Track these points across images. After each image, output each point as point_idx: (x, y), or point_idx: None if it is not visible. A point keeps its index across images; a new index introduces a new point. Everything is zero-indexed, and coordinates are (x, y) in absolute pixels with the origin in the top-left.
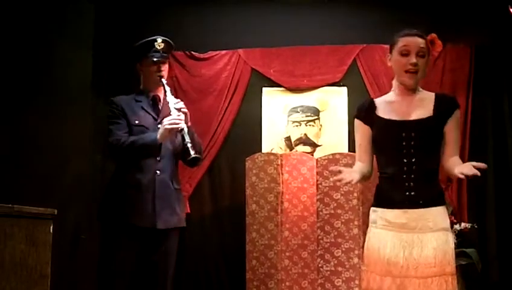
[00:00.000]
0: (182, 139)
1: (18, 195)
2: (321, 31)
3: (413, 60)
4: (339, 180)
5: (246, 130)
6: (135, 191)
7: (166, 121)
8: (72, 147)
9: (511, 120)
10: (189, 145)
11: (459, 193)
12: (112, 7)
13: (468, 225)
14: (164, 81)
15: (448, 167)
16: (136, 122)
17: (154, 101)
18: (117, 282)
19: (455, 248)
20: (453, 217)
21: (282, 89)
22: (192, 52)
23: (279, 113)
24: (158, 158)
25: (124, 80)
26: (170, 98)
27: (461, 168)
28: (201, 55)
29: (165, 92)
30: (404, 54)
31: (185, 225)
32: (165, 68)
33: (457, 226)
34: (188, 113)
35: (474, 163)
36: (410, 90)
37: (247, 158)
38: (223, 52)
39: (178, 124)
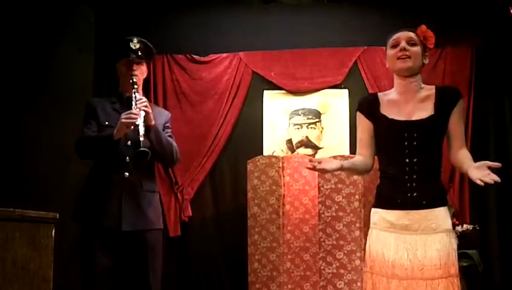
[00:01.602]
0: (136, 133)
1: (19, 198)
2: (322, 34)
3: (403, 44)
4: (322, 169)
5: (247, 133)
6: (103, 192)
7: (123, 115)
8: (73, 150)
9: (511, 121)
10: (141, 139)
11: (461, 195)
12: (112, 10)
13: (469, 227)
14: (134, 79)
15: (458, 162)
16: (106, 123)
17: (129, 102)
18: (94, 284)
19: (457, 249)
20: (455, 219)
21: (283, 91)
22: (193, 56)
23: (280, 116)
24: (127, 159)
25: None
26: (135, 94)
27: (479, 173)
28: (202, 59)
29: (133, 90)
30: (395, 45)
31: (159, 227)
32: (138, 68)
33: (459, 228)
34: (151, 113)
35: (489, 163)
36: (409, 84)
37: (249, 161)
38: (224, 55)
39: (134, 119)
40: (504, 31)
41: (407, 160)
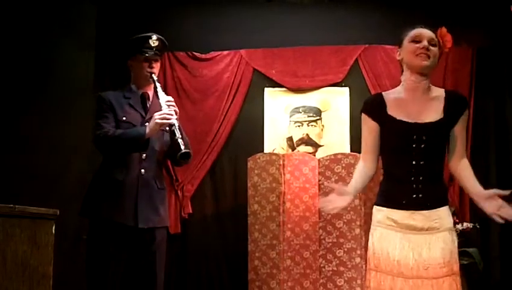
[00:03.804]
0: (171, 134)
1: (20, 195)
2: (323, 32)
3: (425, 43)
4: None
5: (248, 131)
6: (118, 188)
7: (157, 115)
8: (74, 148)
9: None
10: (179, 140)
11: (461, 193)
12: (113, 8)
13: (470, 225)
14: (155, 77)
15: (460, 176)
16: (124, 118)
17: (143, 99)
18: (105, 282)
19: (457, 248)
20: (455, 217)
21: (284, 89)
22: (194, 53)
23: (281, 114)
24: (143, 156)
25: (126, 80)
26: (161, 94)
27: (492, 207)
28: (203, 56)
29: (155, 88)
30: (417, 40)
31: (168, 224)
32: (156, 66)
33: (459, 226)
34: (178, 112)
35: (498, 192)
36: (420, 81)
37: (249, 158)
38: (225, 52)
39: (169, 119)
40: (505, 30)
41: (413, 162)
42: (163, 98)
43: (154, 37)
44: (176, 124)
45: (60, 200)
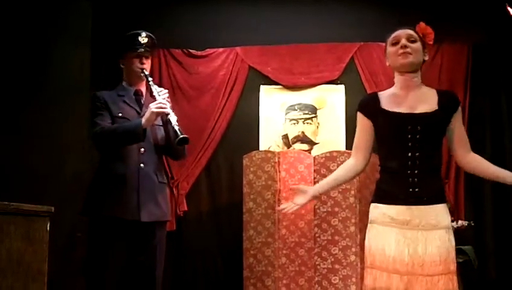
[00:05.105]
0: (167, 122)
1: (15, 192)
2: (319, 29)
3: (403, 42)
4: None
5: (244, 128)
6: (119, 184)
7: (153, 105)
8: (69, 145)
9: (508, 118)
10: (176, 127)
11: (456, 191)
12: (109, 5)
13: (465, 223)
14: (146, 72)
15: (478, 168)
16: (120, 114)
17: (137, 96)
18: (105, 279)
19: None
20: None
21: (279, 86)
22: (190, 50)
23: (276, 111)
24: (142, 150)
25: (121, 78)
26: (154, 86)
27: None
28: (199, 53)
29: (148, 82)
30: (395, 42)
31: (169, 218)
32: (147, 62)
33: (454, 224)
34: (170, 102)
35: None
36: (411, 80)
37: (245, 156)
38: (221, 49)
39: (165, 108)
40: (501, 27)
41: (409, 153)
42: (156, 90)
43: (143, 34)
44: (172, 113)
45: (55, 198)
